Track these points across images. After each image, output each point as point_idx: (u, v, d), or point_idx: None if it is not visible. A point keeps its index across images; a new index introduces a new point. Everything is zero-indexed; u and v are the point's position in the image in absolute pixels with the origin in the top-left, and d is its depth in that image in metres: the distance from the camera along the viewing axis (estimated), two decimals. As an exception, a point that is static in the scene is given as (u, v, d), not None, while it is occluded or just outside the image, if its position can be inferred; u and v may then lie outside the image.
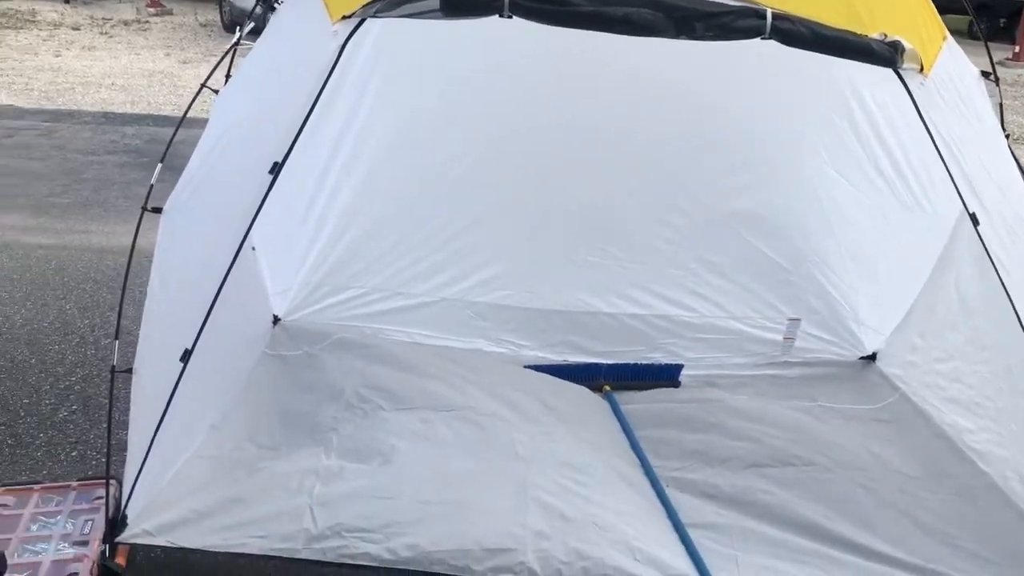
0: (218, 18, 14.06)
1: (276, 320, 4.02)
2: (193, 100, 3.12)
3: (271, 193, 2.61)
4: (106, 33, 13.14)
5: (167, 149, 3.05)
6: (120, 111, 9.08)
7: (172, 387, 2.71)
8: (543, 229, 4.17)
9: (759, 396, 4.00)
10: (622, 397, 3.97)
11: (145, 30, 13.61)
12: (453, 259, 4.21)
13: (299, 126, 2.54)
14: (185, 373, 2.72)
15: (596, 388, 4.04)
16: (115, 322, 4.35)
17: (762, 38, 2.42)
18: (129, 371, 2.95)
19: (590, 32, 2.46)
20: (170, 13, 14.87)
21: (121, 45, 12.45)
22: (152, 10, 14.79)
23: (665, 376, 4.15)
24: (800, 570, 2.96)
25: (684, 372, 4.17)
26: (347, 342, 3.94)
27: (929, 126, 2.71)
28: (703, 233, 4.18)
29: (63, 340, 4.33)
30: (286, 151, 2.54)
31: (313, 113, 2.57)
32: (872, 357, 4.13)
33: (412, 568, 2.79)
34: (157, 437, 2.76)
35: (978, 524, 3.15)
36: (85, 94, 9.67)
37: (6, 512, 2.93)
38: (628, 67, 3.56)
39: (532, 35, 2.61)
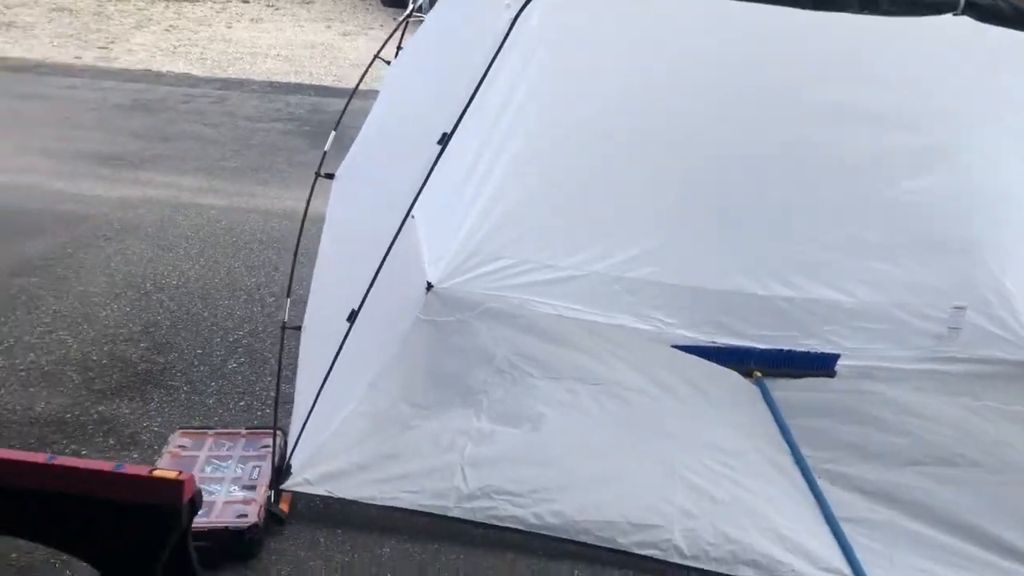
0: (377, -8, 14.49)
1: (429, 287, 4.14)
2: (366, 71, 3.23)
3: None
4: (272, 6, 13.75)
5: (340, 118, 3.17)
6: (284, 81, 9.52)
7: (338, 345, 2.83)
8: (696, 206, 4.08)
9: (919, 391, 3.82)
10: (773, 384, 3.88)
11: (308, 3, 14.16)
12: (604, 233, 4.20)
13: (469, 97, 2.59)
14: (349, 333, 2.83)
15: (746, 373, 3.97)
16: (279, 281, 4.59)
17: (954, 14, 2.29)
18: (297, 328, 3.10)
19: (762, 6, 2.39)
20: (331, -14, 15.40)
21: (286, 18, 13.00)
22: (315, -17, 15.33)
23: (820, 365, 4.02)
24: None
25: (839, 362, 4.03)
26: (497, 311, 4.03)
27: None
28: (868, 215, 3.98)
29: (232, 296, 4.59)
30: (455, 122, 2.59)
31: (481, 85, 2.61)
32: (1047, 358, 3.88)
33: (557, 535, 2.83)
34: (321, 392, 2.90)
35: None
36: (253, 64, 10.17)
37: (184, 453, 3.15)
38: (796, 41, 3.42)
39: (697, 11, 2.56)
